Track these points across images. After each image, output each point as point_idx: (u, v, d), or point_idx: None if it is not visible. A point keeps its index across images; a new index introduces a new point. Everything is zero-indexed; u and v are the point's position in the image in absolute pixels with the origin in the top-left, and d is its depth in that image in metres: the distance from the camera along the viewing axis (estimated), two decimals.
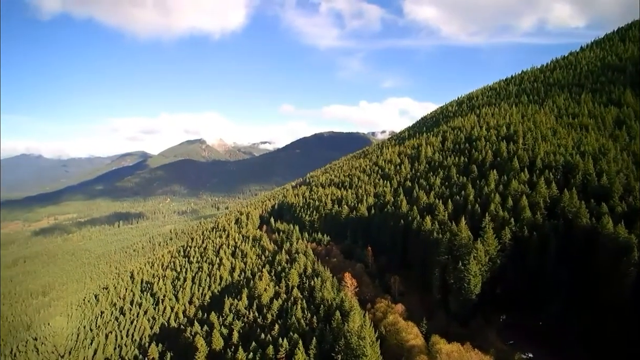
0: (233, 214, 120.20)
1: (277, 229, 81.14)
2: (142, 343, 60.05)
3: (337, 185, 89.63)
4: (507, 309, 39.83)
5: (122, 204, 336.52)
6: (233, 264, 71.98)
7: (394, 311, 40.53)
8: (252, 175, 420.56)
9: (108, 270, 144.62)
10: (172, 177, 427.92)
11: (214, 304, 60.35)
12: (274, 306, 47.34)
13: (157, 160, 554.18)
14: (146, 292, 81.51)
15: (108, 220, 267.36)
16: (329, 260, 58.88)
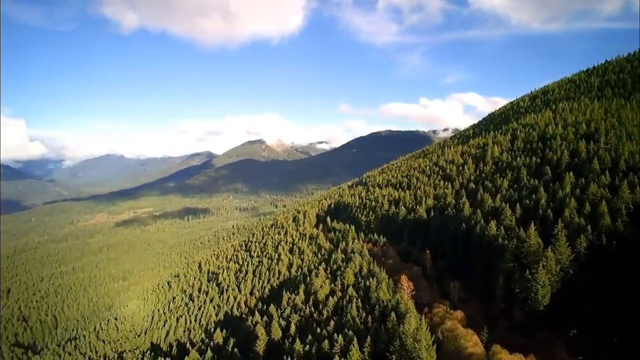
0: (291, 212, 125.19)
1: (333, 228, 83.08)
2: (208, 328, 65.98)
3: (395, 186, 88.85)
4: (579, 322, 36.80)
5: (190, 200, 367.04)
6: (290, 260, 75.52)
7: (452, 317, 39.72)
8: (308, 174, 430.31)
9: (178, 260, 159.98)
10: (235, 175, 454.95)
11: (272, 296, 64.07)
12: (330, 303, 49.08)
13: (222, 159, 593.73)
14: (212, 282, 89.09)
15: (179, 214, 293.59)
16: (384, 262, 59.09)
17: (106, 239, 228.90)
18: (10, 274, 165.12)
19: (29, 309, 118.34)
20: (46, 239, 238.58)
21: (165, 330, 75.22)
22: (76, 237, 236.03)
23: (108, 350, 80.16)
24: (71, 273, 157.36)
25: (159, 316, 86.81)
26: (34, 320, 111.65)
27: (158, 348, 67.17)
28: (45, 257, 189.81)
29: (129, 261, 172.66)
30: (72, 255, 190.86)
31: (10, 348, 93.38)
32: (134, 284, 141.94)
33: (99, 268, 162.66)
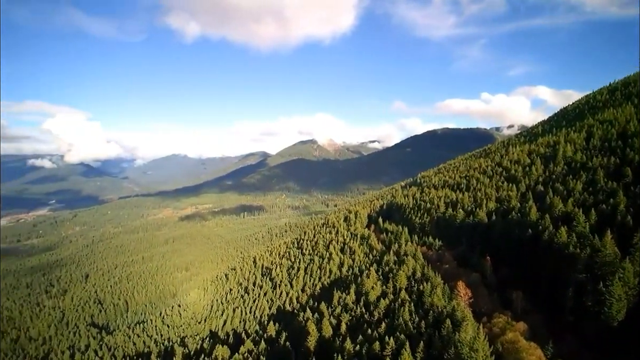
0: (342, 211, 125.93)
1: (385, 229, 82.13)
2: (262, 320, 69.14)
3: (452, 187, 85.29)
4: None
5: (246, 197, 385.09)
6: (342, 259, 76.21)
7: (514, 329, 37.40)
8: (360, 174, 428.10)
9: (235, 254, 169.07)
10: (287, 175, 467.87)
11: (323, 294, 65.27)
12: (381, 305, 48.87)
13: (275, 159, 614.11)
14: (266, 277, 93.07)
15: (235, 211, 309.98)
16: (440, 266, 57.19)
17: (171, 232, 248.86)
18: (89, 260, 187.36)
19: (104, 293, 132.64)
20: (120, 231, 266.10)
21: (222, 320, 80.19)
22: (146, 230, 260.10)
23: (172, 335, 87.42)
24: (141, 262, 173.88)
25: (217, 306, 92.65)
26: (108, 303, 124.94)
27: (216, 336, 71.87)
28: (119, 246, 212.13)
29: (191, 253, 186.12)
30: (142, 246, 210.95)
31: (86, 328, 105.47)
32: (195, 274, 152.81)
33: (164, 258, 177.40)
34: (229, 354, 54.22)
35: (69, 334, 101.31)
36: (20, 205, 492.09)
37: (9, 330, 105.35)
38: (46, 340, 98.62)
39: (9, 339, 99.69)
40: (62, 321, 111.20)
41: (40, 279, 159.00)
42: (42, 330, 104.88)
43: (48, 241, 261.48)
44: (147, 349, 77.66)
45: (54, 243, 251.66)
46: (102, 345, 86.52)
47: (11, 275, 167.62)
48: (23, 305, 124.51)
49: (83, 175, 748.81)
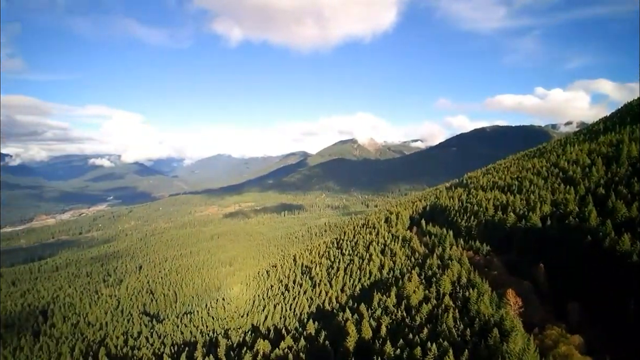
0: (382, 212, 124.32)
1: (429, 232, 79.99)
2: (302, 318, 70.37)
3: (502, 189, 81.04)
4: None
5: (287, 196, 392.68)
6: (382, 261, 75.41)
7: (568, 342, 34.95)
8: (401, 174, 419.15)
9: (276, 252, 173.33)
10: (327, 174, 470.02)
11: (363, 295, 65.04)
12: (423, 310, 47.77)
13: (315, 159, 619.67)
14: (305, 275, 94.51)
15: (276, 209, 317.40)
16: (488, 272, 54.70)
17: (216, 228, 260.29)
18: (143, 253, 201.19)
19: (155, 284, 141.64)
20: (170, 226, 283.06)
21: (264, 315, 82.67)
22: (193, 225, 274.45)
23: (216, 326, 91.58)
24: (188, 256, 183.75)
25: (258, 301, 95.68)
26: (159, 293, 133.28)
27: (257, 330, 74.26)
28: (169, 240, 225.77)
29: (234, 249, 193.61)
30: (190, 241, 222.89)
31: (139, 316, 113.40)
32: (238, 269, 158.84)
33: (210, 253, 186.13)
34: (270, 348, 55.76)
35: (124, 320, 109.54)
36: (82, 201, 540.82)
37: (70, 315, 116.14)
38: (103, 326, 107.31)
39: (69, 323, 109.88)
40: (117, 308, 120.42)
41: (99, 268, 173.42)
42: (99, 316, 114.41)
43: (106, 234, 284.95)
44: (194, 339, 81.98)
45: (112, 236, 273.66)
46: (153, 333, 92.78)
47: (73, 265, 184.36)
48: (83, 293, 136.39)
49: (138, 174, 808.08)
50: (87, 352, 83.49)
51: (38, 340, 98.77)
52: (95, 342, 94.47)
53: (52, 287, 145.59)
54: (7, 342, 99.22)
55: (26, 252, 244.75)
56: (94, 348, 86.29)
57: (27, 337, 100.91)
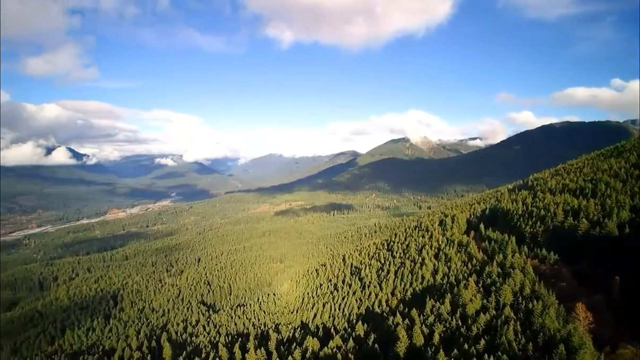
0: (436, 214, 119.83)
1: (488, 237, 75.44)
2: (350, 319, 70.28)
3: (573, 192, 74.00)
4: None
5: (336, 195, 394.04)
6: (436, 266, 72.70)
7: None
8: (457, 174, 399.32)
9: (325, 251, 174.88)
10: (377, 174, 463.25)
11: (414, 300, 63.26)
12: (480, 320, 45.34)
13: (365, 158, 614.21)
14: (355, 276, 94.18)
15: (325, 208, 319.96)
16: (555, 283, 50.41)
17: (268, 225, 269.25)
18: (201, 246, 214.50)
19: (212, 276, 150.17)
20: (225, 222, 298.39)
21: (313, 313, 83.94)
22: (246, 222, 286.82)
23: (267, 320, 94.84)
24: (242, 251, 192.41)
25: (308, 299, 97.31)
26: (215, 285, 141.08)
27: (307, 327, 75.60)
28: (224, 235, 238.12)
29: (284, 246, 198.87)
30: (243, 237, 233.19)
31: (197, 305, 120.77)
32: (288, 266, 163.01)
33: (262, 249, 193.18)
34: (319, 346, 56.51)
35: (183, 308, 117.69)
36: (148, 197, 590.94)
37: (136, 301, 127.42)
38: (165, 312, 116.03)
39: (136, 309, 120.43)
40: (178, 297, 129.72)
41: (162, 259, 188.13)
42: (162, 303, 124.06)
43: (169, 228, 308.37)
44: (246, 330, 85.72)
45: (174, 229, 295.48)
46: (209, 322, 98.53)
47: (140, 255, 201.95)
48: (148, 281, 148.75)
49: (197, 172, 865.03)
50: (150, 336, 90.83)
51: (108, 323, 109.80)
52: (158, 327, 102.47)
53: (122, 274, 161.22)
54: (80, 323, 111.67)
55: (100, 242, 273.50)
56: (157, 333, 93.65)
57: (98, 319, 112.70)
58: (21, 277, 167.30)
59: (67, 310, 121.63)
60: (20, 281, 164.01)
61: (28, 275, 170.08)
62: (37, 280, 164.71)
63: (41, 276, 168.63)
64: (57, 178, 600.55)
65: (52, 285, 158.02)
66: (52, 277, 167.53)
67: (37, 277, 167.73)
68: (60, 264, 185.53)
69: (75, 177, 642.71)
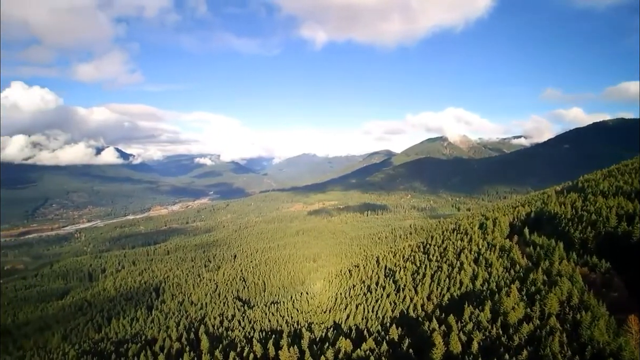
0: (476, 217, 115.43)
1: (533, 242, 71.66)
2: (384, 322, 69.56)
3: (628, 196, 68.55)
4: None
5: (370, 196, 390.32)
6: (475, 271, 70.19)
7: None
8: (499, 175, 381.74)
9: (358, 252, 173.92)
10: (413, 174, 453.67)
11: (451, 306, 61.50)
12: (523, 329, 43.37)
13: (400, 158, 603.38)
14: (389, 278, 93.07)
15: (359, 209, 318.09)
16: (605, 293, 47.07)
17: (301, 224, 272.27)
18: (237, 243, 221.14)
19: (247, 272, 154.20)
20: (260, 220, 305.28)
21: (345, 314, 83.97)
22: (280, 221, 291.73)
23: (300, 319, 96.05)
24: (276, 249, 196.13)
25: (340, 299, 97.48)
26: (250, 281, 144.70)
27: (339, 328, 75.82)
28: (259, 233, 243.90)
29: (317, 246, 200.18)
30: (277, 235, 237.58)
31: (233, 300, 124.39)
32: (321, 266, 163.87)
33: (295, 248, 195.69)
34: (351, 348, 56.54)
35: (220, 303, 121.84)
36: (188, 195, 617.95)
37: (176, 294, 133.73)
38: (203, 306, 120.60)
39: (176, 301, 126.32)
40: (215, 291, 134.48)
41: (201, 254, 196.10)
42: (200, 297, 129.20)
43: (207, 225, 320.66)
44: (280, 327, 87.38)
45: (212, 226, 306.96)
46: (244, 317, 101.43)
47: (181, 250, 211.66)
48: (188, 275, 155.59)
49: (233, 172, 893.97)
50: (189, 328, 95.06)
51: (150, 314, 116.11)
52: (197, 319, 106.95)
53: (164, 268, 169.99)
54: (125, 313, 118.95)
55: (144, 237, 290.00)
56: (195, 325, 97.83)
57: (142, 309, 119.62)
58: (72, 269, 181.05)
59: (114, 300, 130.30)
60: (72, 272, 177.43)
61: (79, 266, 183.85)
62: (87, 272, 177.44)
63: (90, 268, 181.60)
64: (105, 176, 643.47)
65: (100, 277, 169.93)
66: (100, 269, 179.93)
67: (86, 268, 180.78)
68: (108, 257, 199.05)
69: (122, 175, 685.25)
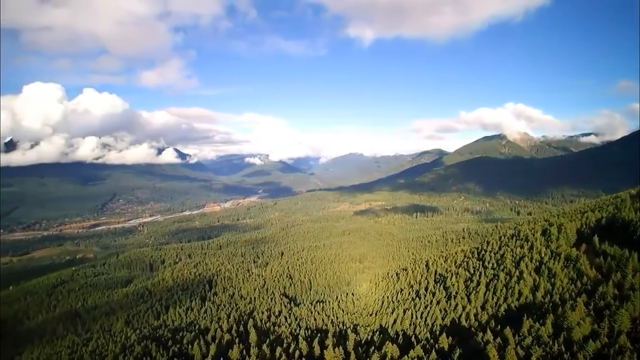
0: (539, 222, 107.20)
1: (603, 252, 64.96)
2: (434, 329, 67.10)
3: None
4: None
5: (419, 197, 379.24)
6: (536, 281, 65.28)
7: None
8: (566, 176, 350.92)
9: (406, 254, 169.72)
10: (467, 174, 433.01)
11: (508, 318, 57.81)
12: (589, 347, 39.64)
13: (453, 157, 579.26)
14: (439, 284, 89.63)
15: (407, 210, 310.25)
16: None
17: (347, 224, 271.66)
18: (284, 241, 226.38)
19: (293, 270, 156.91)
20: (307, 219, 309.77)
21: (392, 318, 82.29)
22: (326, 220, 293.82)
23: (346, 319, 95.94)
24: (322, 248, 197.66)
25: (387, 303, 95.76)
26: (297, 279, 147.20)
27: (386, 332, 74.49)
28: (306, 232, 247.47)
29: (363, 246, 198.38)
30: (323, 234, 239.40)
31: (280, 297, 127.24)
32: (367, 267, 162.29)
33: (341, 248, 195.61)
34: (398, 354, 55.31)
35: (268, 298, 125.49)
36: (239, 193, 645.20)
37: (227, 287, 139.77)
38: (252, 300, 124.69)
39: (227, 294, 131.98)
40: (263, 287, 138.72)
41: (250, 250, 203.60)
42: (249, 291, 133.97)
43: (256, 222, 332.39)
44: (325, 327, 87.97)
45: (260, 224, 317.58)
46: (291, 314, 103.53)
47: (231, 245, 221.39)
48: (238, 270, 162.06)
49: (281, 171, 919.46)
50: (239, 320, 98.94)
51: (204, 304, 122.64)
52: (246, 313, 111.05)
53: (216, 262, 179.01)
54: (181, 302, 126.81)
55: (199, 232, 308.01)
56: (244, 318, 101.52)
57: (196, 300, 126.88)
58: (135, 259, 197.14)
59: (171, 290, 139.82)
60: (135, 262, 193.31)
61: (141, 257, 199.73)
62: (148, 262, 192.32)
63: (151, 259, 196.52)
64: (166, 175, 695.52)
65: (160, 267, 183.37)
66: (160, 260, 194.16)
67: (148, 259, 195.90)
68: (166, 249, 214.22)
69: (180, 174, 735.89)
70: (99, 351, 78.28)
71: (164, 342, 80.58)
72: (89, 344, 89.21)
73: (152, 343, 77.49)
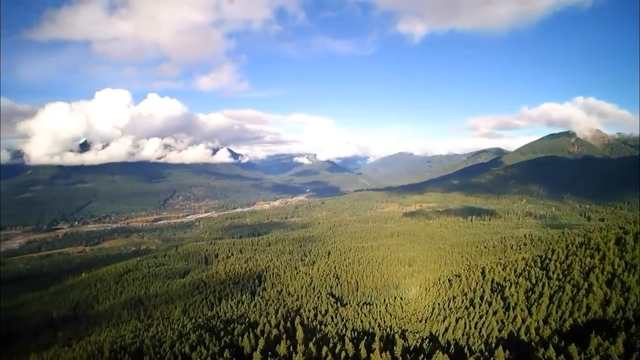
0: (612, 229, 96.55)
1: None
2: (489, 342, 63.37)
3: None
4: None
5: (474, 199, 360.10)
6: (608, 295, 59.16)
7: None
8: None
9: (460, 260, 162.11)
10: (529, 175, 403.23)
11: (574, 334, 53.01)
12: None
13: (513, 157, 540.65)
14: (496, 293, 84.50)
15: (461, 212, 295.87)
16: None
17: (396, 226, 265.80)
18: (331, 240, 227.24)
19: (340, 270, 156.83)
20: (354, 219, 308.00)
21: (444, 326, 79.10)
22: (374, 221, 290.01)
23: (393, 324, 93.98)
24: (369, 249, 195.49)
25: (438, 310, 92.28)
26: (343, 279, 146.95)
27: (436, 340, 71.84)
28: (353, 232, 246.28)
29: (413, 250, 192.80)
30: (371, 235, 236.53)
31: (327, 296, 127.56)
32: (417, 271, 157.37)
33: (389, 250, 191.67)
34: None
35: (314, 297, 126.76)
36: (288, 192, 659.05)
37: (275, 283, 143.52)
38: (299, 297, 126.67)
39: (275, 290, 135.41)
40: (310, 285, 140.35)
41: (298, 248, 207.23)
42: (296, 288, 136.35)
43: (304, 221, 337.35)
44: (372, 330, 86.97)
45: (308, 223, 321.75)
46: (337, 314, 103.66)
47: (280, 242, 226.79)
48: (286, 267, 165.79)
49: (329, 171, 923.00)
50: (286, 316, 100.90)
51: (253, 299, 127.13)
52: (293, 310, 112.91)
53: (266, 258, 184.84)
54: (233, 295, 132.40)
55: (250, 228, 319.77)
56: (292, 315, 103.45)
57: (246, 294, 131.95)
58: (192, 252, 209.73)
59: (224, 283, 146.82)
60: (192, 255, 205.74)
61: (197, 250, 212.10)
62: (204, 256, 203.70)
63: (206, 252, 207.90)
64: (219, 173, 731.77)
65: (214, 261, 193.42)
66: (214, 254, 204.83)
67: (203, 253, 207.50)
68: (220, 244, 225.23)
69: (232, 173, 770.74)
70: (158, 337, 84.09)
71: (216, 332, 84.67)
72: (149, 329, 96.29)
73: (205, 332, 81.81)
